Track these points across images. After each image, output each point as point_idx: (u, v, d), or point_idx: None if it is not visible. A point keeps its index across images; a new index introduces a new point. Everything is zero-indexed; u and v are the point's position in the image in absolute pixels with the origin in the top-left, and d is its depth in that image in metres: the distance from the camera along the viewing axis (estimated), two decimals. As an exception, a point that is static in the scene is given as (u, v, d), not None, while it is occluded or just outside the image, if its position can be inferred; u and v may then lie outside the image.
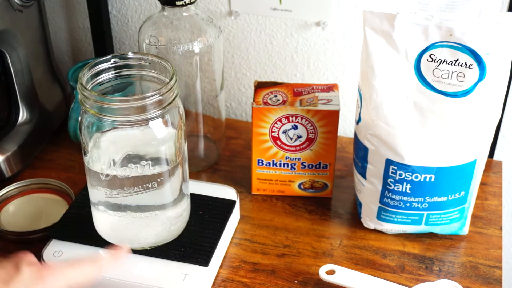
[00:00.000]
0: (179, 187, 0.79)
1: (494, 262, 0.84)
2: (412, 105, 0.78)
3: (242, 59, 1.10)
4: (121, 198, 0.75)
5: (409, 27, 0.75)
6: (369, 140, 0.82)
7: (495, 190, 0.95)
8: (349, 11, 1.01)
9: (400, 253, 0.85)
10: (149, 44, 0.88)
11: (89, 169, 0.75)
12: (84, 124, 0.73)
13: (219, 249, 0.81)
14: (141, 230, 0.78)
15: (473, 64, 0.74)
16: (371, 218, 0.87)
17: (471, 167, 0.81)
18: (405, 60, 0.76)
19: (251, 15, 1.05)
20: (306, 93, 0.89)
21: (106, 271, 0.74)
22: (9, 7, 0.91)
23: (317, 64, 1.07)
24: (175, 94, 0.73)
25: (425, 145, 0.79)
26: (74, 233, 0.81)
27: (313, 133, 0.88)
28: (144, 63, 0.76)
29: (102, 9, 1.08)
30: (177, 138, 0.75)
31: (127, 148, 0.73)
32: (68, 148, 1.03)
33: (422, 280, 0.81)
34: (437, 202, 0.83)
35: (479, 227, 0.89)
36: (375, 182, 0.84)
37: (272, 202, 0.93)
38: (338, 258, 0.84)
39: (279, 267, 0.83)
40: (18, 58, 0.95)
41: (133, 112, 0.70)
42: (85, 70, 0.73)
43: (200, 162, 0.99)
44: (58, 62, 1.15)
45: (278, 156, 0.90)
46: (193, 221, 0.83)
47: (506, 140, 1.07)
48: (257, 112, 0.87)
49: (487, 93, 0.76)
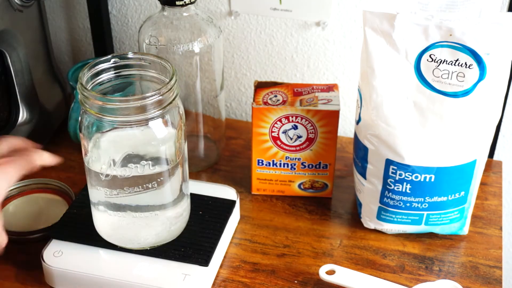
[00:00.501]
0: (179, 187, 0.79)
1: (494, 262, 0.84)
2: (412, 105, 0.78)
3: (242, 59, 1.10)
4: (121, 198, 0.75)
5: (409, 27, 0.75)
6: (369, 140, 0.82)
7: (495, 190, 0.95)
8: (349, 11, 1.01)
9: (400, 253, 0.85)
10: (149, 44, 0.88)
11: (89, 169, 0.75)
12: (84, 124, 0.73)
13: (219, 249, 0.81)
14: (141, 230, 0.78)
15: (473, 64, 0.74)
16: (371, 218, 0.87)
17: (471, 167, 0.81)
18: (405, 60, 0.76)
19: (251, 15, 1.05)
20: (306, 93, 0.89)
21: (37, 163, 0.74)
22: (9, 7, 0.91)
23: (317, 64, 1.07)
24: (175, 94, 0.73)
25: (425, 145, 0.79)
26: (74, 233, 0.81)
27: (313, 133, 0.88)
28: (144, 63, 0.76)
29: (102, 9, 1.08)
30: (177, 138, 0.75)
31: (127, 148, 0.73)
32: (68, 148, 1.03)
33: (422, 280, 0.81)
34: (437, 202, 0.83)
35: (479, 227, 0.89)
36: (375, 182, 0.84)
37: (272, 202, 0.93)
38: (338, 258, 0.84)
39: (279, 267, 0.83)
40: (18, 58, 0.95)
41: (133, 112, 0.70)
42: (85, 70, 0.73)
43: (200, 162, 0.99)
44: (58, 62, 1.15)
45: (278, 156, 0.90)
46: (193, 221, 0.83)
47: (506, 140, 1.07)
48: (257, 112, 0.87)
49: (487, 93, 0.76)
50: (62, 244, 0.81)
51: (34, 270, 0.81)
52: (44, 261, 0.78)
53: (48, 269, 0.78)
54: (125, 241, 0.79)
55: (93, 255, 0.79)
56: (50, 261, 0.78)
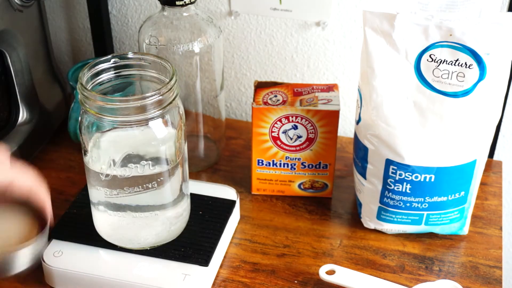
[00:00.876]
0: (179, 187, 0.79)
1: (494, 262, 0.84)
2: (412, 105, 0.78)
3: (242, 59, 1.10)
4: (121, 198, 0.75)
5: (409, 27, 0.75)
6: (369, 140, 0.82)
7: (495, 190, 0.95)
8: (349, 11, 1.01)
9: (400, 253, 0.85)
10: (149, 44, 0.88)
11: (89, 169, 0.75)
12: (84, 124, 0.73)
13: (219, 249, 0.81)
14: (141, 230, 0.78)
15: (473, 64, 0.74)
16: (371, 218, 0.87)
17: (471, 167, 0.81)
18: (405, 60, 0.76)
19: (251, 15, 1.05)
20: (306, 93, 0.89)
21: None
22: (9, 7, 0.91)
23: (317, 64, 1.07)
24: (175, 94, 0.73)
25: (425, 145, 0.79)
26: (74, 233, 0.81)
27: (313, 133, 0.88)
28: (144, 63, 0.76)
29: (102, 9, 1.08)
30: (177, 138, 0.75)
31: (127, 148, 0.73)
32: (68, 148, 1.03)
33: (422, 280, 0.81)
34: (437, 202, 0.83)
35: (479, 227, 0.89)
36: (375, 182, 0.84)
37: (272, 202, 0.93)
38: (338, 258, 0.84)
39: (279, 267, 0.83)
40: (18, 58, 0.95)
41: (133, 112, 0.70)
42: (85, 70, 0.73)
43: (200, 162, 0.99)
44: (58, 62, 1.15)
45: (278, 156, 0.90)
46: (193, 221, 0.83)
47: (506, 140, 1.07)
48: (257, 112, 0.87)
49: (487, 93, 0.76)
50: (62, 244, 0.81)
51: (34, 270, 0.81)
52: (44, 261, 0.78)
53: (48, 269, 0.78)
54: (125, 241, 0.79)
55: (93, 255, 0.79)
56: (50, 261, 0.78)
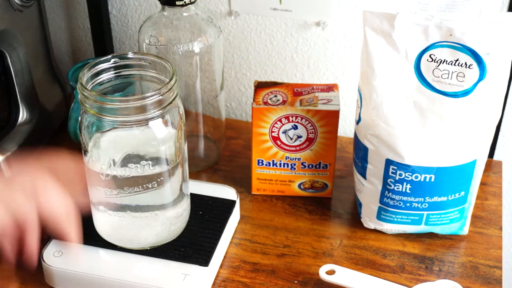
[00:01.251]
0: (179, 187, 0.79)
1: (494, 262, 0.84)
2: (412, 105, 0.78)
3: (242, 59, 1.10)
4: (121, 198, 0.75)
5: (409, 27, 0.75)
6: (369, 140, 0.82)
7: (495, 190, 0.95)
8: (349, 11, 1.01)
9: (400, 253, 0.85)
10: (149, 44, 0.88)
11: (89, 169, 0.75)
12: (84, 124, 0.73)
13: (219, 249, 0.81)
14: (141, 230, 0.78)
15: (473, 64, 0.74)
16: (371, 218, 0.87)
17: (471, 167, 0.81)
18: (405, 60, 0.76)
19: (251, 15, 1.05)
20: (306, 93, 0.89)
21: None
22: (9, 7, 0.91)
23: (317, 64, 1.07)
24: (175, 94, 0.73)
25: (425, 145, 0.79)
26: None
27: (313, 133, 0.88)
28: (144, 63, 0.76)
29: (102, 9, 1.08)
30: (177, 138, 0.75)
31: (127, 148, 0.73)
32: (68, 148, 1.02)
33: (422, 280, 0.81)
34: (437, 202, 0.83)
35: (479, 227, 0.89)
36: (375, 182, 0.84)
37: (272, 202, 0.93)
38: (338, 258, 0.84)
39: (279, 267, 0.83)
40: (18, 58, 0.95)
41: (133, 112, 0.70)
42: (85, 70, 0.73)
43: (200, 162, 0.99)
44: (58, 62, 1.15)
45: (278, 156, 0.90)
46: (193, 221, 0.83)
47: (506, 140, 1.07)
48: (257, 112, 0.87)
49: (487, 93, 0.76)
50: (62, 244, 0.80)
51: (34, 270, 0.81)
52: (44, 261, 0.78)
53: (48, 269, 0.78)
54: (125, 241, 0.79)
55: (93, 255, 0.79)
56: (50, 261, 0.78)
